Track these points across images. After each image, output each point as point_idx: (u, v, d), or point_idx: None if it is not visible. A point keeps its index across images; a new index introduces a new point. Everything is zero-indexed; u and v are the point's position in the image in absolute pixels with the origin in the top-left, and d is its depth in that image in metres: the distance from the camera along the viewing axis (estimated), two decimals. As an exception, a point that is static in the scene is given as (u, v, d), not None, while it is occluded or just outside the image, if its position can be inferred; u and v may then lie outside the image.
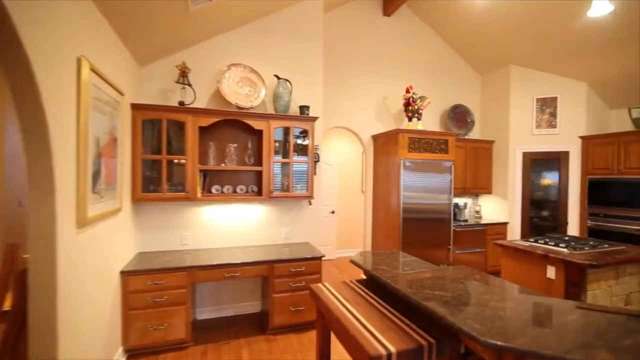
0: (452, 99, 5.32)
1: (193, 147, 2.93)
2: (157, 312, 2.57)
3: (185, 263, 2.71)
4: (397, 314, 1.58)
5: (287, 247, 3.37)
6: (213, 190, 3.20)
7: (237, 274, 2.79)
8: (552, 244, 3.02)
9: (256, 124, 3.14)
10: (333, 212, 5.85)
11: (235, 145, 3.26)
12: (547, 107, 4.76)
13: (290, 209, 3.58)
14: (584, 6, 3.50)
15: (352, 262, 2.19)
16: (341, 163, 6.12)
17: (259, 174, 3.29)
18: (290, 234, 3.59)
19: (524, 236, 4.89)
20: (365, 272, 1.99)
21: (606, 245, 3.02)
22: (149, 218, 3.09)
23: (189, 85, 3.01)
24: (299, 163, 3.43)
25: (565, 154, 4.66)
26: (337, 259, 5.97)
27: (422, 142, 4.25)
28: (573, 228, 4.60)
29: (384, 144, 4.48)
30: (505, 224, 4.96)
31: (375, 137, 4.71)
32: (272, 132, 3.19)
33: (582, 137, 4.58)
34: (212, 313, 3.33)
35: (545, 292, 2.78)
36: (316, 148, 3.59)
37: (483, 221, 4.99)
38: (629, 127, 4.54)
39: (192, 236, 3.22)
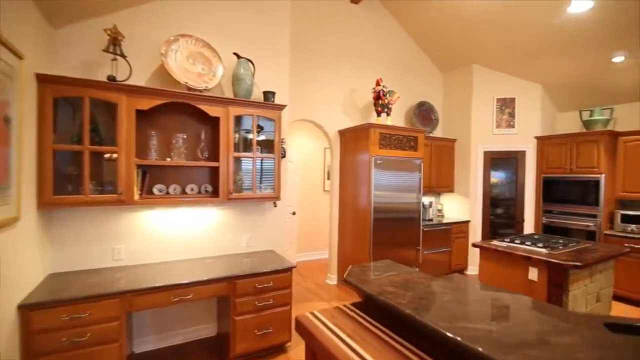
0: (417, 95, 5.22)
1: (128, 137, 2.29)
2: (76, 356, 1.91)
3: (118, 286, 2.07)
4: (420, 353, 1.22)
5: (249, 257, 2.87)
6: (155, 191, 2.57)
7: (189, 296, 2.22)
8: (529, 243, 2.95)
9: (212, 110, 2.58)
10: (294, 214, 5.41)
11: (185, 135, 2.66)
12: (507, 107, 4.86)
13: (251, 212, 3.07)
14: (543, 11, 3.53)
15: (349, 282, 1.76)
16: (302, 160, 5.70)
17: (215, 171, 2.73)
18: (252, 241, 3.08)
19: (485, 234, 4.95)
20: (365, 295, 1.61)
21: (573, 243, 3.04)
22: (66, 228, 2.36)
23: (123, 56, 2.34)
24: (262, 159, 2.94)
25: (522, 153, 4.81)
26: (298, 263, 5.54)
27: (392, 139, 4.02)
28: (529, 225, 4.76)
29: (352, 140, 4.16)
30: (467, 222, 4.99)
31: (342, 132, 4.38)
32: (232, 120, 2.66)
33: (537, 138, 4.75)
34: (156, 343, 2.69)
35: (527, 294, 2.65)
36: (282, 142, 3.13)
37: (445, 220, 4.95)
38: (576, 129, 4.82)
39: (127, 249, 2.55)
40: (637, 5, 3.16)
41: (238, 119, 2.84)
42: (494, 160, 4.96)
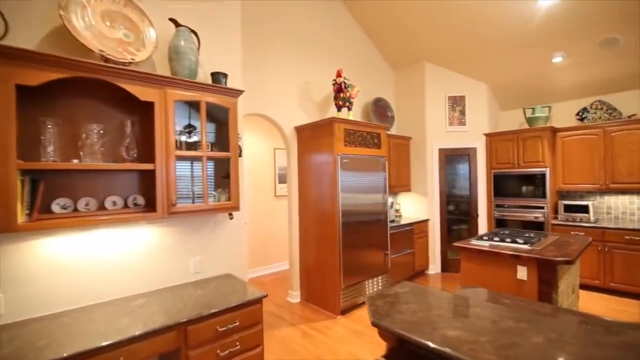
0: (373, 91, 5.00)
1: (4, 127, 1.47)
2: None
3: (-12, 368, 1.27)
4: None
5: (201, 287, 2.19)
6: (56, 208, 1.76)
7: (118, 363, 1.50)
8: (509, 240, 2.84)
9: (142, 92, 1.87)
10: (245, 223, 4.71)
11: (101, 127, 1.90)
12: (457, 105, 4.92)
13: (200, 228, 2.39)
14: (491, 14, 3.59)
15: (384, 329, 1.23)
16: (249, 162, 5.04)
17: (149, 177, 2.01)
18: (203, 264, 2.39)
19: (444, 232, 4.92)
20: (417, 345, 1.14)
21: (542, 237, 3.03)
22: None
23: (-10, 3, 1.52)
24: (215, 159, 2.30)
25: (474, 150, 4.90)
26: (250, 280, 4.85)
27: (356, 135, 3.67)
28: (482, 220, 4.86)
29: (313, 137, 3.70)
30: (427, 221, 4.90)
31: (300, 129, 3.89)
32: (172, 107, 1.98)
33: (486, 134, 4.89)
34: None
35: (518, 294, 2.52)
36: (239, 137, 2.52)
37: (403, 220, 4.79)
38: (516, 126, 5.10)
39: (10, 299, 1.68)
40: (574, 10, 3.33)
41: (179, 107, 2.15)
42: (448, 157, 4.98)
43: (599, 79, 4.15)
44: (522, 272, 2.53)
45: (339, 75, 3.72)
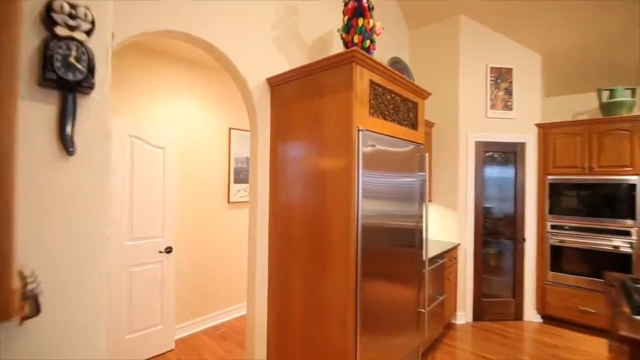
0: (388, 49, 3.38)
1: None
2: None
3: None
4: None
5: None
6: None
7: None
8: None
9: None
10: (169, 251, 2.78)
11: None
12: (502, 81, 3.45)
13: None
14: None
15: None
16: (184, 148, 3.12)
17: None
18: None
19: (478, 263, 3.39)
20: None
21: None
22: None
23: None
24: None
25: (522, 146, 3.45)
26: (180, 341, 2.92)
27: (386, 99, 1.97)
28: (531, 245, 3.41)
29: (304, 96, 1.92)
30: (457, 247, 3.34)
31: (277, 83, 2.09)
32: None
33: (539, 125, 3.47)
34: None
35: None
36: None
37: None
38: (570, 119, 3.77)
39: None
40: None
41: None
42: (487, 155, 3.48)
43: None
44: None
45: (358, -16, 1.98)
